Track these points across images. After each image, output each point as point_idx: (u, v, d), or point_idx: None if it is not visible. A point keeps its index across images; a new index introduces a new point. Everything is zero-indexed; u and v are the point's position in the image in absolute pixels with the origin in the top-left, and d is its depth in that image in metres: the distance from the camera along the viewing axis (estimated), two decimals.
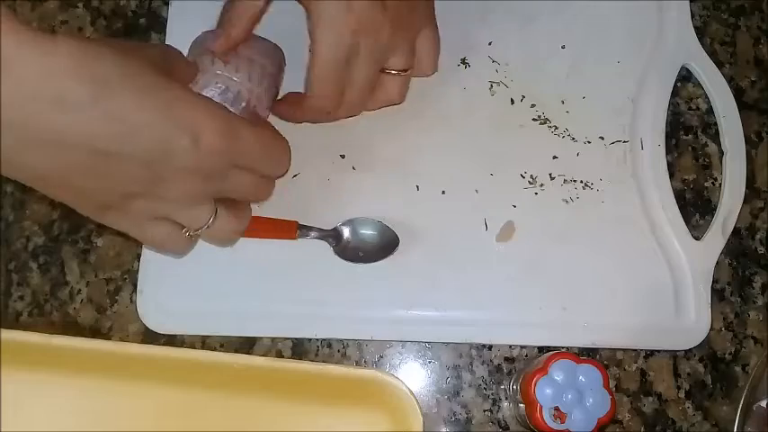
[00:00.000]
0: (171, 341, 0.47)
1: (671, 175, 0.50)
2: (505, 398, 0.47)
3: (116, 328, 0.48)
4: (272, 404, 0.41)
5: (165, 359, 0.39)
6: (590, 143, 0.50)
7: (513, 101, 0.51)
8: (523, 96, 0.51)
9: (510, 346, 0.47)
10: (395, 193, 0.49)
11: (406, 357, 0.47)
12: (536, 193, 0.49)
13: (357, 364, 0.47)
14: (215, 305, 0.47)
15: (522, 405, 0.42)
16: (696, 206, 0.50)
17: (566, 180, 0.49)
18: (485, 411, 0.47)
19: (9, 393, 0.40)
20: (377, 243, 0.47)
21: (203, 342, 0.47)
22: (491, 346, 0.48)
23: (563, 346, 0.47)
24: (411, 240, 0.47)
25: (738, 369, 0.48)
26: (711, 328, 0.47)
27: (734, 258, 0.49)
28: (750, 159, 0.51)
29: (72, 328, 0.47)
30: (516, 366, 0.47)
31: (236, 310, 0.47)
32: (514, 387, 0.45)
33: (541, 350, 0.47)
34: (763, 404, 0.45)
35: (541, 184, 0.49)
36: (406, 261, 0.47)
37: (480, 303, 0.47)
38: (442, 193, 0.49)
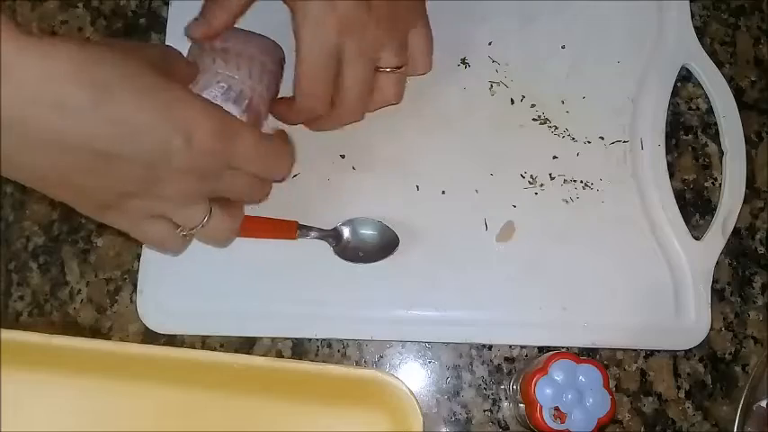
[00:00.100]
0: (171, 341, 0.47)
1: (671, 175, 0.50)
2: (505, 398, 0.47)
3: (116, 328, 0.48)
4: (272, 404, 0.41)
5: (165, 359, 0.39)
6: (590, 143, 0.50)
7: (513, 101, 0.51)
8: (523, 96, 0.51)
9: (510, 346, 0.47)
10: (395, 193, 0.49)
11: (406, 357, 0.47)
12: (536, 193, 0.49)
13: (357, 364, 0.47)
14: (215, 305, 0.47)
15: (522, 405, 0.42)
16: (696, 206, 0.50)
17: (566, 180, 0.49)
18: (485, 411, 0.47)
19: (9, 393, 0.40)
20: (377, 243, 0.47)
21: (203, 342, 0.47)
22: (491, 346, 0.48)
23: (563, 346, 0.47)
24: (411, 240, 0.47)
25: (738, 369, 0.48)
26: (711, 328, 0.47)
27: (734, 258, 0.49)
28: (750, 159, 0.51)
29: (72, 328, 0.47)
30: (516, 366, 0.47)
31: (236, 310, 0.47)
32: (514, 387, 0.45)
33: (541, 350, 0.47)
34: (763, 404, 0.45)
35: (541, 184, 0.49)
36: (406, 261, 0.47)
37: (480, 303, 0.47)
38: (442, 193, 0.49)
